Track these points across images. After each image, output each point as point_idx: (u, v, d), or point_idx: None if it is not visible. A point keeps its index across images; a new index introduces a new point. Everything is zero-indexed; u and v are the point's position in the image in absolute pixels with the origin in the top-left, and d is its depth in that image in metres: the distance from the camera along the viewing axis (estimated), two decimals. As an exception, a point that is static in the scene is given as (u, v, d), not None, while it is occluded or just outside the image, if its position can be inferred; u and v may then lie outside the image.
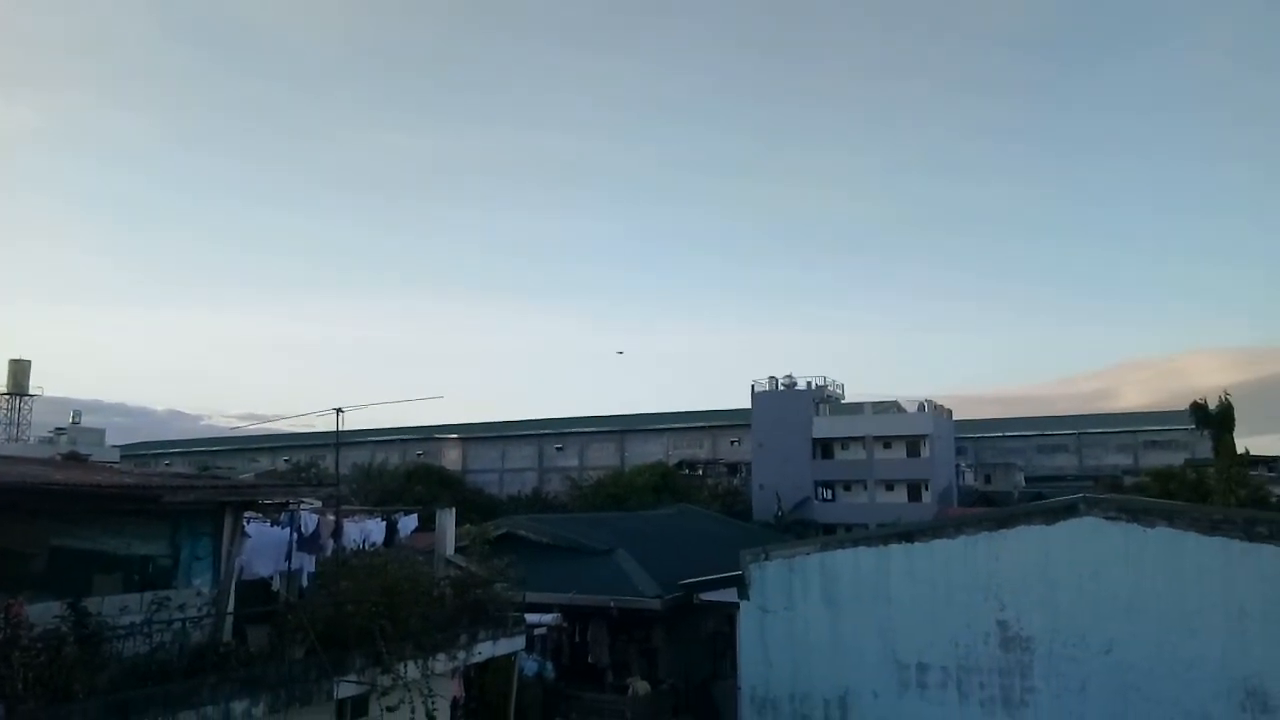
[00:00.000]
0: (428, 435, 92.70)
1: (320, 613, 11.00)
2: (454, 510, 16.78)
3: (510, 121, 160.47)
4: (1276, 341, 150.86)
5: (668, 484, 58.67)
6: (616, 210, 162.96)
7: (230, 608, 10.50)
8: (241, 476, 26.90)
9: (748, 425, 70.48)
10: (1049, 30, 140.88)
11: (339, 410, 13.11)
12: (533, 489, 72.95)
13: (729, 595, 16.64)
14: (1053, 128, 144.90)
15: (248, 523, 12.01)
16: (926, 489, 62.07)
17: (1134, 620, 12.60)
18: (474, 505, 50.60)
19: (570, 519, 28.20)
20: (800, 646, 15.36)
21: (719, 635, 20.80)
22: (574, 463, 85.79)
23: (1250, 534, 12.03)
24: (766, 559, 16.05)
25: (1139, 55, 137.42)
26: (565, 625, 19.03)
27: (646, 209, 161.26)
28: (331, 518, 13.86)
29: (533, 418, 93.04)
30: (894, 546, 14.92)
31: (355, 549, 14.10)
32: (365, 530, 14.84)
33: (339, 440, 14.54)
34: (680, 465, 75.77)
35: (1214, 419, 44.15)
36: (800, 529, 52.24)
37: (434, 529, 16.10)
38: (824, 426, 66.09)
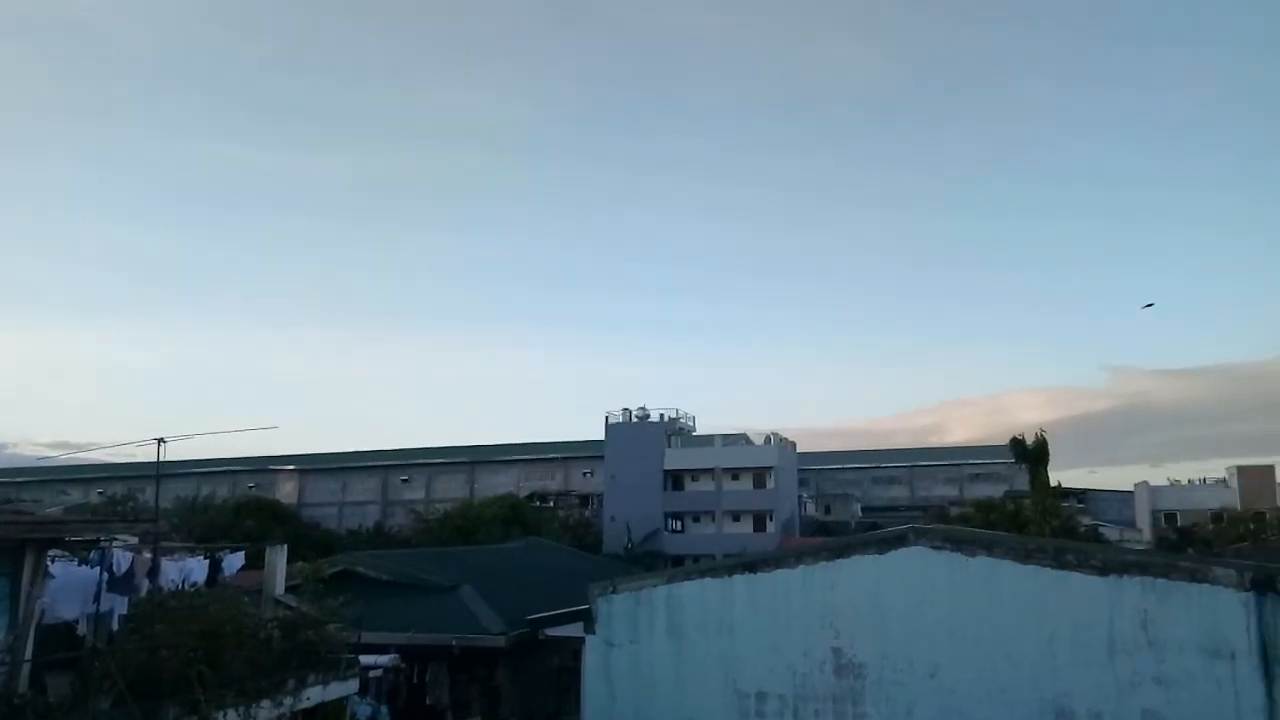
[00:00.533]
0: (261, 466, 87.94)
1: (131, 659, 10.21)
2: (286, 546, 15.95)
3: (366, 135, 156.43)
4: (1087, 382, 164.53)
5: (518, 516, 57.87)
6: (468, 234, 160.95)
7: (28, 654, 9.56)
8: (48, 511, 24.69)
9: (601, 457, 70.69)
10: (887, 92, 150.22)
11: (161, 440, 12.26)
12: (375, 523, 70.33)
13: (576, 630, 16.48)
14: (889, 179, 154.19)
15: (52, 561, 11.05)
16: (771, 519, 63.87)
17: (956, 645, 13.27)
18: (310, 541, 48.25)
19: (414, 554, 27.35)
20: (644, 680, 15.35)
21: (564, 671, 20.57)
22: (420, 495, 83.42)
23: (1060, 562, 12.93)
24: (614, 592, 16.01)
25: (967, 113, 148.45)
26: (404, 666, 18.33)
27: (499, 233, 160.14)
28: (148, 555, 12.87)
29: (376, 448, 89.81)
30: (738, 577, 15.19)
31: (174, 589, 13.15)
32: (185, 569, 13.87)
33: (160, 472, 13.61)
34: (531, 497, 75.03)
35: (1030, 454, 47.84)
36: (650, 560, 52.60)
37: (263, 567, 15.23)
38: (675, 458, 67.12)
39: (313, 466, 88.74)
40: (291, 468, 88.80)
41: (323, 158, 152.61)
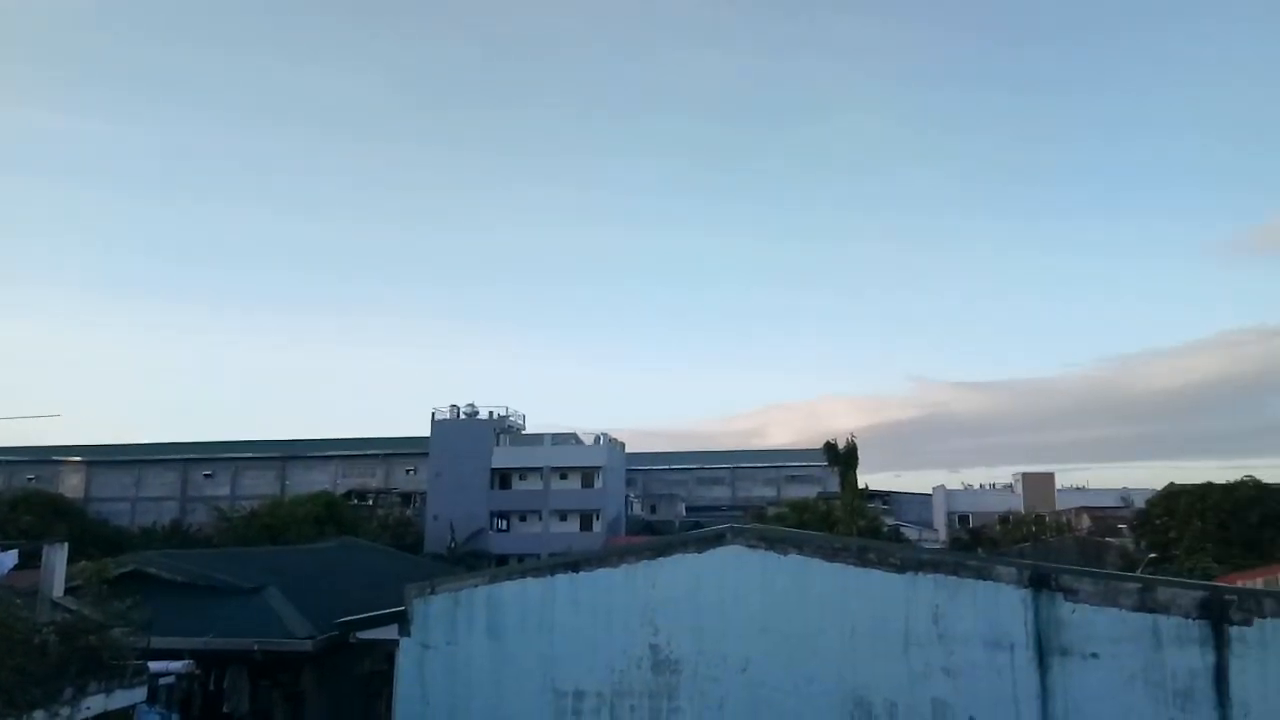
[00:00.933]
0: (42, 458, 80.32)
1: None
2: (67, 545, 14.58)
3: (174, 103, 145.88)
4: (895, 391, 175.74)
5: (333, 515, 55.53)
6: (286, 214, 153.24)
7: None
8: None
9: (425, 453, 68.96)
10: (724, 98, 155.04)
11: (-86, 426, 10.87)
12: (172, 520, 65.58)
13: (390, 633, 15.93)
14: (727, 190, 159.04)
15: None
16: (598, 519, 64.41)
17: (767, 640, 13.75)
18: (97, 539, 44.54)
19: (215, 554, 25.74)
20: (461, 682, 15.03)
21: (376, 675, 19.84)
22: (225, 491, 78.48)
23: (863, 560, 13.65)
24: (432, 593, 15.58)
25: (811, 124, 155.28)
26: (199, 672, 17.17)
27: (322, 215, 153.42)
28: (-103, 555, 11.44)
29: (176, 440, 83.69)
30: (560, 576, 15.13)
31: (-71, 592, 11.75)
32: (-55, 569, 12.43)
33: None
34: (349, 495, 72.20)
35: (842, 457, 50.53)
36: (473, 560, 51.85)
37: (40, 566, 13.88)
38: (504, 456, 66.50)
39: (102, 459, 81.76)
40: (78, 459, 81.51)
41: (124, 125, 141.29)
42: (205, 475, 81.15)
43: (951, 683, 12.81)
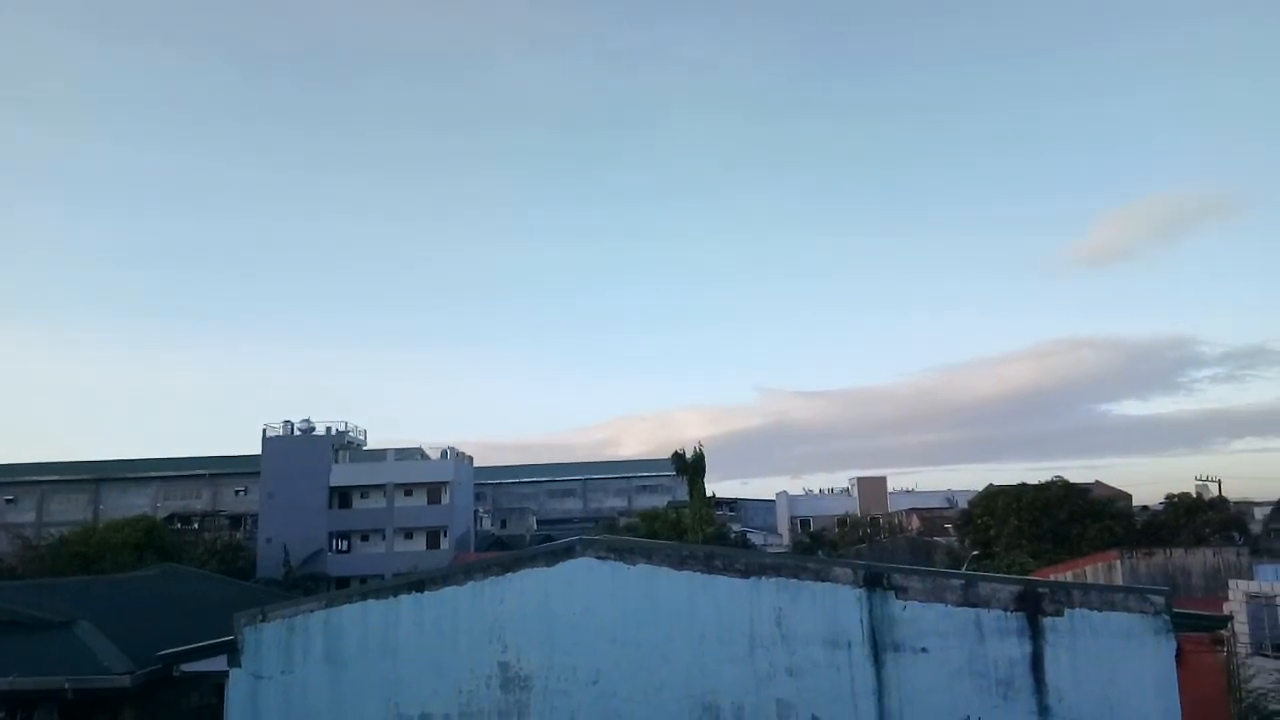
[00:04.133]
0: None
1: None
2: None
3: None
4: (739, 402, 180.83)
5: (154, 541, 51.78)
6: (100, 216, 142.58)
7: None
8: None
9: (256, 473, 65.37)
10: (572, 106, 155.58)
11: None
12: (-31, 549, 59.57)
13: (219, 664, 14.94)
14: (582, 204, 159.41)
15: None
16: (445, 536, 62.91)
17: (618, 650, 13.75)
18: (-124, 574, 39.90)
19: (18, 586, 23.50)
20: (297, 712, 14.27)
21: (205, 709, 18.61)
22: (30, 517, 71.97)
23: (709, 567, 13.88)
24: (264, 620, 14.73)
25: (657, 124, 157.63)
26: (2, 716, 15.63)
27: (137, 220, 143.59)
28: None
29: (-29, 463, 76.09)
30: (404, 597, 14.62)
31: None
32: None
33: None
34: (172, 519, 67.60)
35: (690, 466, 51.34)
36: (311, 584, 49.69)
37: None
38: (343, 474, 63.90)
39: (-116, 484, 73.35)
40: None
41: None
42: (7, 500, 74.04)
43: (795, 682, 13.19)
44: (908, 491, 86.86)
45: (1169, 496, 55.04)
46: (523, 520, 79.65)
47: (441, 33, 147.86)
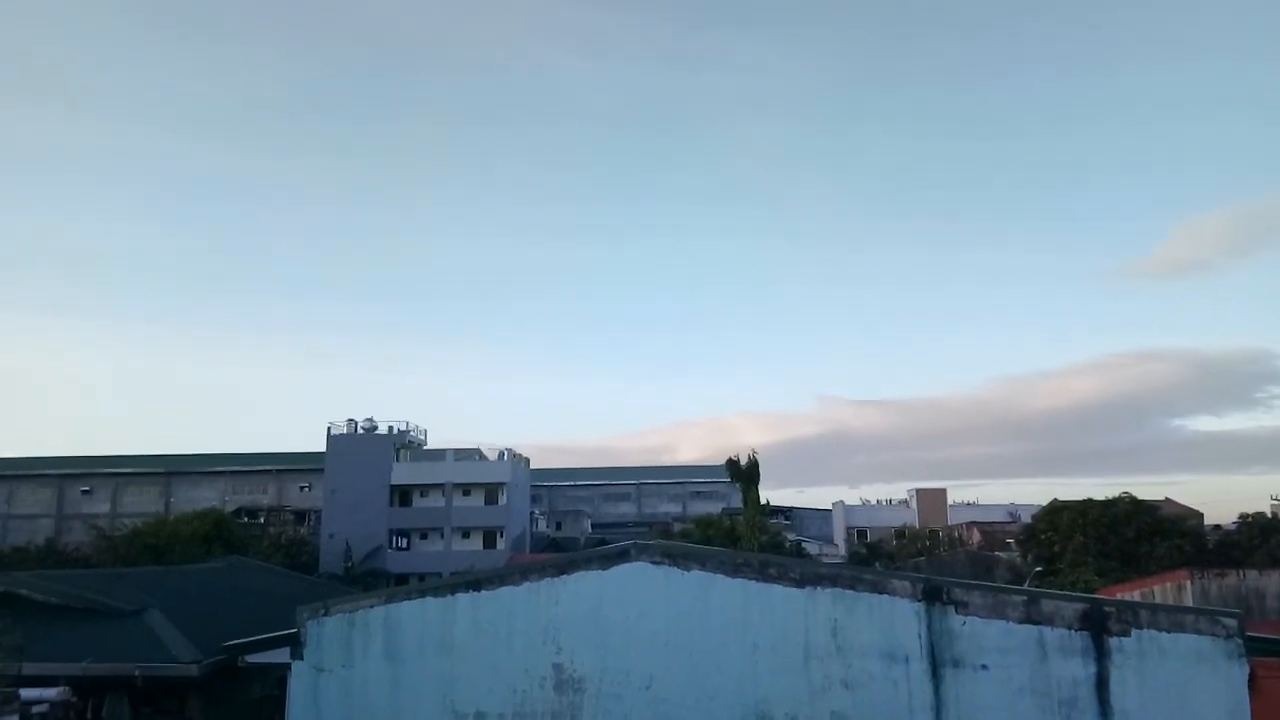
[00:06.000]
0: (-100, 473, 74.94)
1: None
2: (-77, 567, 13.59)
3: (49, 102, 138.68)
4: (797, 409, 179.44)
5: (221, 534, 53.27)
6: (173, 221, 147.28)
7: None
8: None
9: (320, 469, 66.79)
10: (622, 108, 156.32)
11: None
12: (46, 539, 61.86)
13: (282, 656, 15.33)
14: (638, 207, 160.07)
15: None
16: (502, 536, 63.49)
17: (671, 656, 13.76)
18: (-39, 559, 41.75)
19: (93, 575, 24.38)
20: (356, 706, 14.56)
21: (268, 700, 19.09)
22: (105, 509, 74.48)
23: (764, 575, 13.80)
24: (326, 614, 15.07)
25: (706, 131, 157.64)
26: (75, 700, 16.17)
27: (212, 225, 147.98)
28: None
29: (51, 455, 79.02)
30: (461, 595, 14.82)
31: None
32: None
33: None
34: (239, 513, 69.40)
35: (744, 474, 50.99)
36: (371, 580, 50.53)
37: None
38: (404, 473, 64.92)
39: (-33, 473, 76.65)
40: (-59, 474, 76.23)
41: None
42: (83, 491, 76.75)
43: (850, 695, 13.03)
44: (968, 504, 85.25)
45: (1243, 516, 53.03)
46: (578, 523, 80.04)
47: (501, 36, 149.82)
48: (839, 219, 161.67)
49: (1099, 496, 47.74)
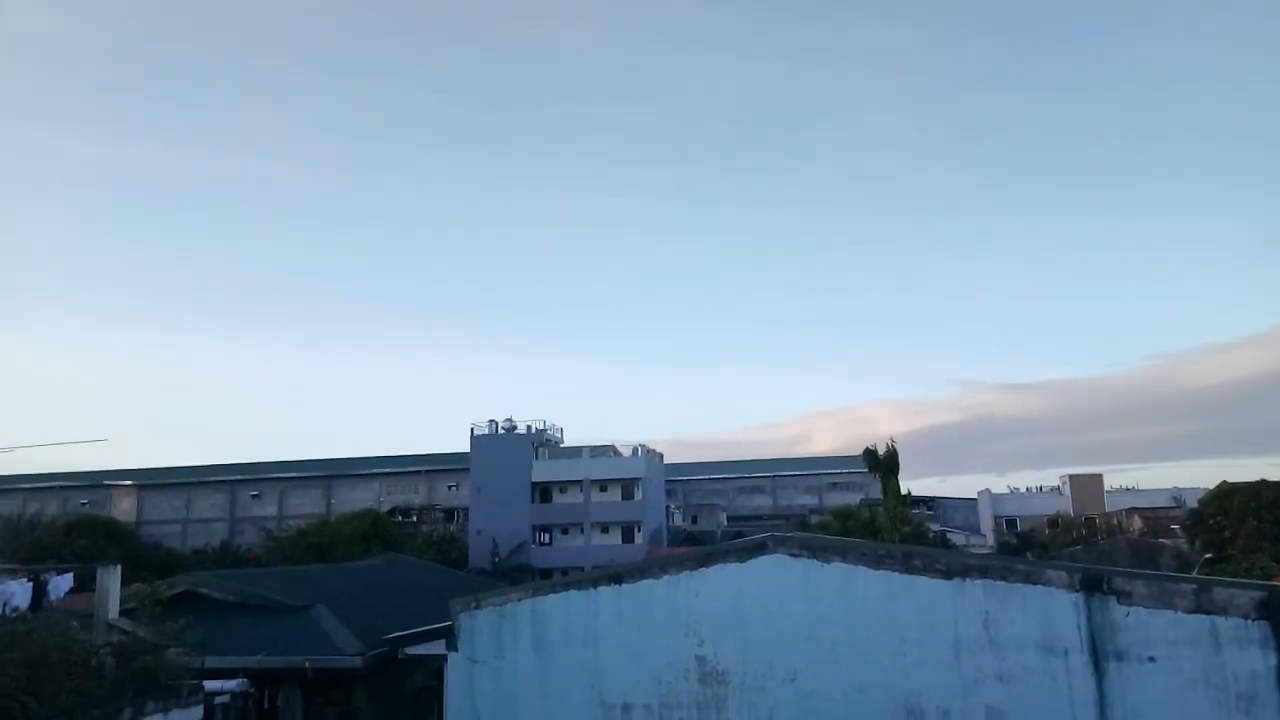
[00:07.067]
0: (94, 482, 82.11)
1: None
2: (120, 567, 14.89)
3: (202, 133, 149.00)
4: (938, 395, 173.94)
5: (378, 532, 56.11)
6: (327, 237, 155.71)
7: None
8: None
9: (466, 469, 69.38)
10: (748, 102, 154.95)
11: (-27, 454, 11.20)
12: (221, 541, 66.70)
13: (438, 648, 16.04)
14: (759, 199, 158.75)
15: None
16: (639, 530, 64.26)
17: (814, 649, 13.64)
18: (150, 561, 45.51)
19: (264, 573, 26.10)
20: (508, 696, 15.09)
21: (426, 691, 19.97)
22: (272, 511, 79.67)
23: (908, 567, 13.49)
24: (477, 608, 15.67)
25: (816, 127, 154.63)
26: (252, 691, 17.40)
27: (350, 235, 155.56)
28: (-39, 580, 11.77)
29: (223, 462, 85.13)
30: (603, 589, 15.14)
31: (-8, 615, 12.08)
32: (6, 593, 12.78)
33: (-24, 489, 12.49)
34: (393, 512, 72.89)
35: (882, 463, 49.82)
36: (517, 574, 52.03)
37: (95, 589, 14.18)
38: (543, 470, 66.64)
39: (152, 482, 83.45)
40: (129, 483, 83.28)
41: (150, 147, 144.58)
42: (253, 496, 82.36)
43: (1005, 689, 12.60)
44: (1127, 490, 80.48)
45: None
46: (713, 516, 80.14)
47: (621, 41, 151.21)
48: (969, 185, 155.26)
49: (1273, 478, 44.18)
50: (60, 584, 13.99)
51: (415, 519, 73.12)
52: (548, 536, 66.14)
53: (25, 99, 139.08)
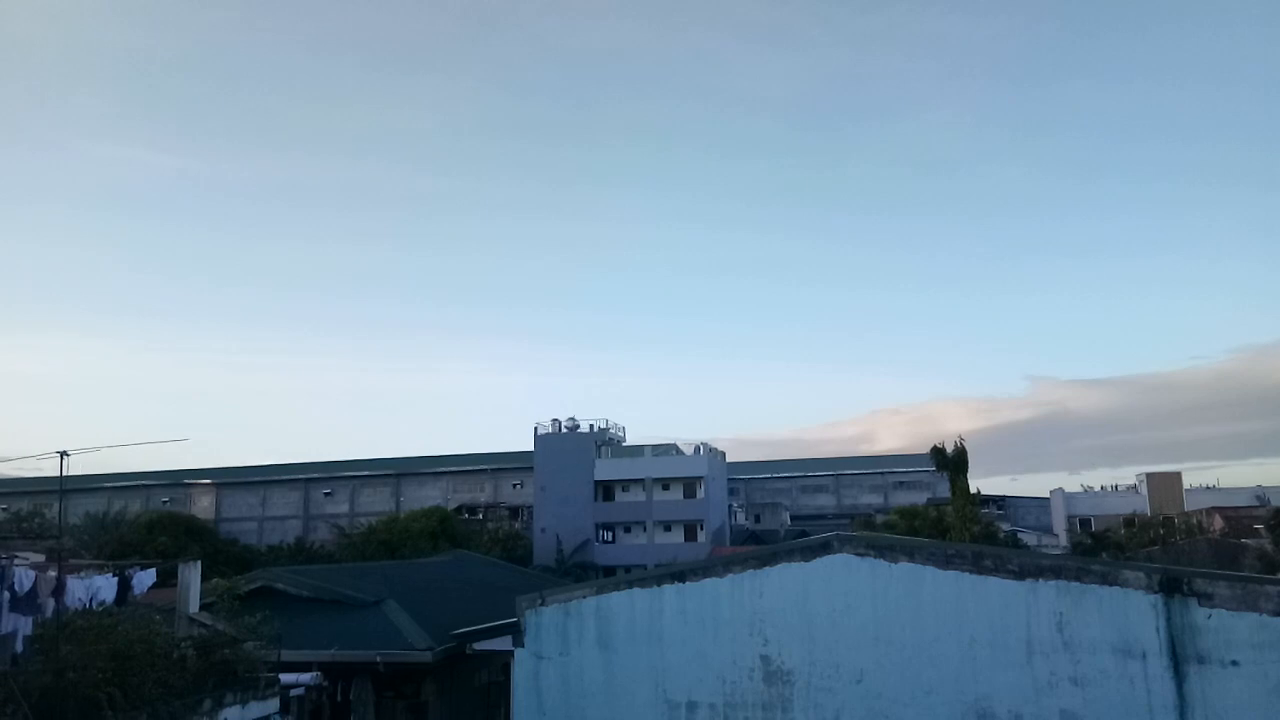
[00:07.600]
0: (175, 481, 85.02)
1: (36, 681, 9.77)
2: (200, 563, 15.41)
3: (288, 143, 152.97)
4: (1009, 392, 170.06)
5: (446, 529, 57.04)
6: (395, 241, 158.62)
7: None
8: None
9: (530, 468, 70.07)
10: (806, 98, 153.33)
11: (64, 454, 11.70)
12: (296, 538, 68.51)
13: (505, 643, 16.26)
14: (826, 198, 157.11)
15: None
16: (702, 529, 64.11)
17: (881, 650, 13.48)
18: (227, 557, 47.00)
19: (336, 569, 26.72)
20: (574, 692, 15.22)
21: (494, 685, 20.28)
22: (344, 509, 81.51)
23: (979, 567, 13.24)
24: (543, 604, 15.84)
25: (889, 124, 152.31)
26: (326, 684, 17.85)
27: (419, 245, 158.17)
28: (52, 574, 12.30)
29: (297, 461, 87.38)
30: (667, 587, 15.17)
31: (81, 608, 12.60)
32: (93, 587, 13.27)
33: (65, 486, 12.95)
34: (460, 509, 74.02)
35: (950, 462, 48.82)
36: (580, 572, 52.37)
37: (176, 584, 14.70)
38: (606, 469, 66.92)
39: (230, 480, 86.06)
40: (207, 482, 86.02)
41: (231, 165, 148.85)
42: (325, 494, 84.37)
43: (1080, 693, 12.29)
44: (1207, 488, 77.54)
45: None
46: (776, 515, 79.58)
47: (678, 41, 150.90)
48: (1036, 186, 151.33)
49: (1368, 476, 42.16)
50: (143, 579, 14.46)
51: (481, 516, 74.15)
52: (611, 534, 66.43)
53: (103, 115, 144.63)
